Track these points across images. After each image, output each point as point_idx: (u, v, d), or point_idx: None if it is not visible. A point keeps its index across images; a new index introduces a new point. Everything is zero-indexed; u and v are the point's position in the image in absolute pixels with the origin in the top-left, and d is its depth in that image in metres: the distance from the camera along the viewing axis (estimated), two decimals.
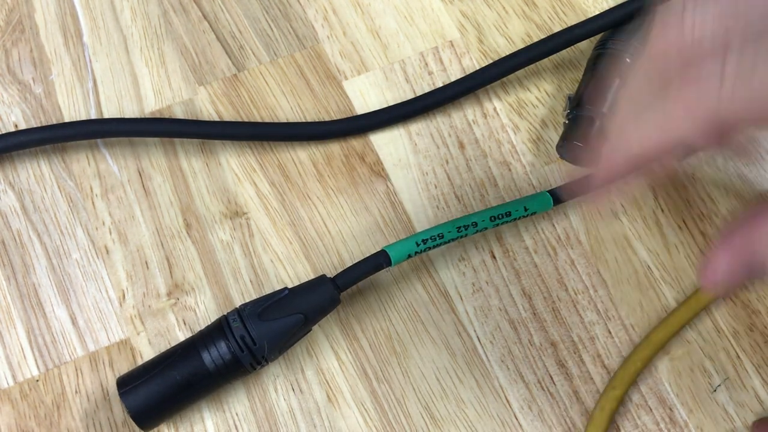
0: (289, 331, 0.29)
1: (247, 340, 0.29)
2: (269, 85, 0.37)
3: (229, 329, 0.29)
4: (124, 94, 0.37)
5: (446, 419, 0.31)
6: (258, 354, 0.29)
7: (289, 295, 0.30)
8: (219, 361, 0.29)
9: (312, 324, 0.30)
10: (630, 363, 0.31)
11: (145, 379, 0.29)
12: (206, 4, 0.39)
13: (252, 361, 0.29)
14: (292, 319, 0.29)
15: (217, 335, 0.29)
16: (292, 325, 0.29)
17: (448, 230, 0.31)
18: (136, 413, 0.29)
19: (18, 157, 0.35)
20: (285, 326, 0.29)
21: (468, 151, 0.36)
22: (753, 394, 0.31)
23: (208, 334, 0.30)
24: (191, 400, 0.30)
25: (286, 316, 0.29)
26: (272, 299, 0.30)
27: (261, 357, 0.29)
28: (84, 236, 0.34)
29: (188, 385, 0.29)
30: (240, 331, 0.29)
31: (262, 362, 0.30)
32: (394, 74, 0.37)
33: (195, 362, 0.29)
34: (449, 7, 0.39)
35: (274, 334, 0.29)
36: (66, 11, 0.39)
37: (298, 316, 0.30)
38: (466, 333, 0.33)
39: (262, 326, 0.29)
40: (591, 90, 0.35)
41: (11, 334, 0.33)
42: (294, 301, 0.30)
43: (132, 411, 0.29)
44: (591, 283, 0.33)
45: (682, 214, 0.34)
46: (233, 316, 0.30)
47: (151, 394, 0.29)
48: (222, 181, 0.35)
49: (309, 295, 0.30)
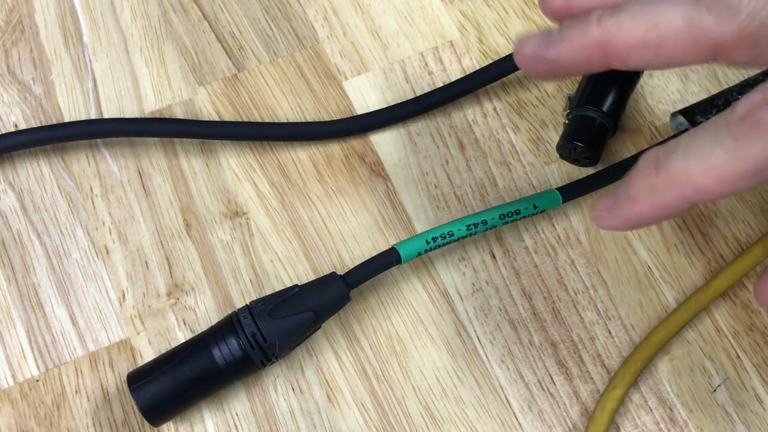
0: (299, 329, 0.30)
1: (258, 338, 0.29)
2: (269, 85, 0.37)
3: (240, 326, 0.29)
4: (124, 94, 0.37)
5: (446, 419, 0.31)
6: (269, 351, 0.29)
7: (299, 292, 0.30)
8: (230, 358, 0.29)
9: (322, 321, 0.30)
10: (630, 363, 0.31)
11: (156, 376, 0.29)
12: (206, 4, 0.39)
13: (263, 358, 0.29)
14: (302, 316, 0.29)
15: (228, 332, 0.29)
16: (302, 323, 0.29)
17: (458, 228, 0.31)
18: (146, 409, 0.29)
19: (18, 157, 0.36)
20: (295, 324, 0.29)
21: (468, 151, 0.36)
22: (753, 394, 0.32)
23: (218, 330, 0.30)
24: (201, 397, 0.30)
25: (297, 313, 0.29)
26: (283, 296, 0.30)
27: (272, 354, 0.30)
28: (84, 236, 0.34)
29: (198, 381, 0.29)
30: (251, 328, 0.29)
31: (273, 359, 0.30)
32: (394, 74, 0.37)
33: (206, 359, 0.29)
34: (449, 7, 0.39)
35: (284, 331, 0.29)
36: (66, 11, 0.39)
37: (309, 314, 0.30)
38: (466, 333, 0.33)
39: (273, 324, 0.29)
40: (591, 90, 0.35)
41: (11, 334, 0.33)
42: (304, 298, 0.30)
43: (142, 407, 0.29)
44: (591, 283, 0.33)
45: (682, 214, 0.34)
46: (244, 313, 0.30)
47: (161, 391, 0.29)
48: (222, 181, 0.35)
49: (320, 292, 0.30)
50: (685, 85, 0.37)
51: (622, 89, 0.35)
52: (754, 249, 0.33)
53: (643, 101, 0.36)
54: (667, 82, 0.37)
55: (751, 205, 0.34)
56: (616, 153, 0.35)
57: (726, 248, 0.34)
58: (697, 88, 0.37)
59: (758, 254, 0.33)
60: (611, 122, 0.34)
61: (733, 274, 0.32)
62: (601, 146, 0.34)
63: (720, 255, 0.34)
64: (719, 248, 0.34)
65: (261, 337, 0.29)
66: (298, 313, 0.29)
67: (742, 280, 0.33)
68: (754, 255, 0.33)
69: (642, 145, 0.35)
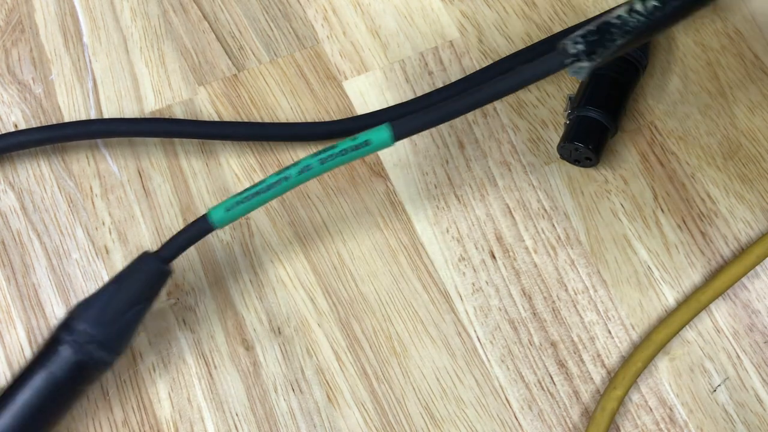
0: (133, 325, 0.29)
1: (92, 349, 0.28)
2: (269, 85, 0.37)
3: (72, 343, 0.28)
4: (124, 94, 0.37)
5: (446, 419, 0.31)
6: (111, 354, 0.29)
7: (116, 287, 0.29)
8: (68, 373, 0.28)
9: (151, 303, 0.29)
10: (631, 363, 0.31)
11: None
12: (206, 4, 0.39)
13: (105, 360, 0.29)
14: (131, 312, 0.28)
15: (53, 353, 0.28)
16: (134, 319, 0.29)
17: (273, 179, 0.29)
18: None
19: (18, 157, 0.36)
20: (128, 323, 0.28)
21: (468, 151, 0.36)
22: (753, 394, 0.32)
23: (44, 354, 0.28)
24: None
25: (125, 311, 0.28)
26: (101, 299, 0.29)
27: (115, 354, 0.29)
28: (84, 236, 0.34)
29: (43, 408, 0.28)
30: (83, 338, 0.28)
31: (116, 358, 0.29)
32: (394, 74, 0.37)
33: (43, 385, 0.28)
34: (449, 7, 0.39)
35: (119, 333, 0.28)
36: (66, 11, 0.39)
37: (136, 308, 0.28)
38: (466, 333, 0.33)
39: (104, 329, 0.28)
40: (592, 90, 0.35)
41: (11, 334, 0.33)
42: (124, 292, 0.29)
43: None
44: (591, 283, 0.33)
45: (682, 214, 0.34)
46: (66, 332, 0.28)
47: None
48: (222, 181, 0.35)
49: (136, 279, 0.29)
50: (686, 85, 0.37)
51: (623, 89, 0.35)
52: (754, 249, 0.33)
53: (643, 101, 0.36)
54: (667, 82, 0.37)
55: (751, 205, 0.34)
56: (617, 153, 0.35)
57: (726, 248, 0.34)
58: (697, 88, 0.37)
59: (758, 254, 0.33)
60: (612, 122, 0.34)
61: (733, 274, 0.32)
62: (601, 147, 0.34)
63: (720, 255, 0.34)
64: (719, 248, 0.34)
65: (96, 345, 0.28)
66: (126, 311, 0.28)
67: (742, 280, 0.33)
68: (754, 255, 0.33)
69: (642, 145, 0.35)
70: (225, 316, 0.33)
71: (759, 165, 0.35)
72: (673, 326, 0.32)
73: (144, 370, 0.32)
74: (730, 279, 0.32)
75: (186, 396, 0.32)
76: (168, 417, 0.31)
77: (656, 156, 0.35)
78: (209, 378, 0.32)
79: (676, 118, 0.36)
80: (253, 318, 0.33)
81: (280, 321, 0.33)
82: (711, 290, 0.32)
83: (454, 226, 0.34)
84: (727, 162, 0.35)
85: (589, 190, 0.35)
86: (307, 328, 0.33)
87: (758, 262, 0.33)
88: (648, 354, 0.31)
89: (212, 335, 0.32)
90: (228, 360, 0.32)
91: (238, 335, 0.32)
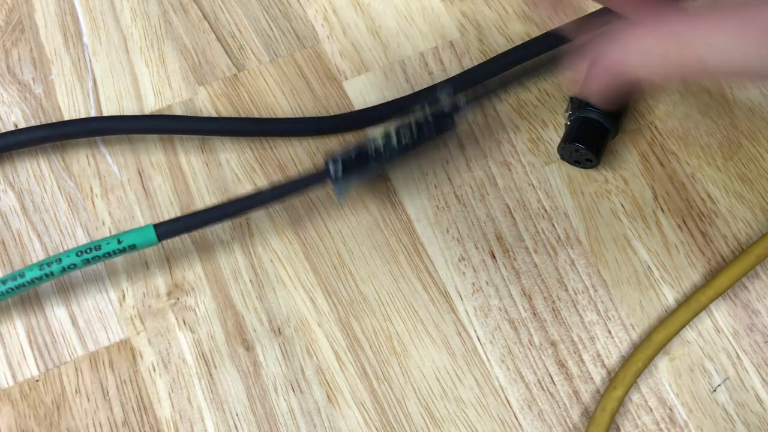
0: None
1: None
2: (269, 85, 0.37)
3: None
4: (124, 94, 0.37)
5: (446, 419, 0.31)
6: None
7: None
8: None
9: None
10: (631, 363, 0.31)
11: None
12: (206, 4, 0.39)
13: None
14: None
15: None
16: None
17: (31, 271, 0.30)
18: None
19: (18, 157, 0.36)
20: None
21: (468, 151, 0.36)
22: (753, 394, 0.32)
23: None
24: None
25: None
26: None
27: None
28: (84, 236, 0.34)
29: None
30: None
31: None
32: (394, 74, 0.37)
33: None
34: (449, 7, 0.39)
35: None
36: (66, 11, 0.39)
37: None
38: (466, 333, 0.33)
39: None
40: None
41: (11, 334, 0.33)
42: None
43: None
44: (591, 283, 0.33)
45: (682, 214, 0.34)
46: None
47: None
48: (222, 180, 0.35)
49: None
50: (686, 85, 0.37)
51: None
52: (754, 249, 0.33)
53: (643, 101, 0.36)
54: None
55: (751, 205, 0.34)
56: (617, 153, 0.35)
57: (726, 248, 0.34)
58: (697, 88, 0.37)
59: (758, 254, 0.33)
60: (613, 124, 0.34)
61: (733, 274, 0.32)
62: (602, 148, 0.34)
63: (720, 255, 0.34)
64: (719, 248, 0.34)
65: None
66: None
67: (742, 280, 0.33)
68: (754, 255, 0.33)
69: (642, 146, 0.35)
70: (225, 316, 0.33)
71: (759, 165, 0.35)
72: (673, 326, 0.32)
73: (144, 370, 0.32)
74: (730, 279, 0.32)
75: (186, 396, 0.32)
76: (168, 417, 0.31)
77: (656, 156, 0.35)
78: (209, 378, 0.32)
79: (676, 118, 0.36)
80: (253, 318, 0.33)
81: (280, 321, 0.33)
82: (711, 290, 0.32)
83: (454, 226, 0.34)
84: (727, 162, 0.35)
85: (589, 190, 0.35)
86: (307, 328, 0.33)
87: (758, 262, 0.33)
88: (648, 354, 0.31)
89: (212, 335, 0.32)
90: (228, 360, 0.32)
91: (238, 335, 0.32)
